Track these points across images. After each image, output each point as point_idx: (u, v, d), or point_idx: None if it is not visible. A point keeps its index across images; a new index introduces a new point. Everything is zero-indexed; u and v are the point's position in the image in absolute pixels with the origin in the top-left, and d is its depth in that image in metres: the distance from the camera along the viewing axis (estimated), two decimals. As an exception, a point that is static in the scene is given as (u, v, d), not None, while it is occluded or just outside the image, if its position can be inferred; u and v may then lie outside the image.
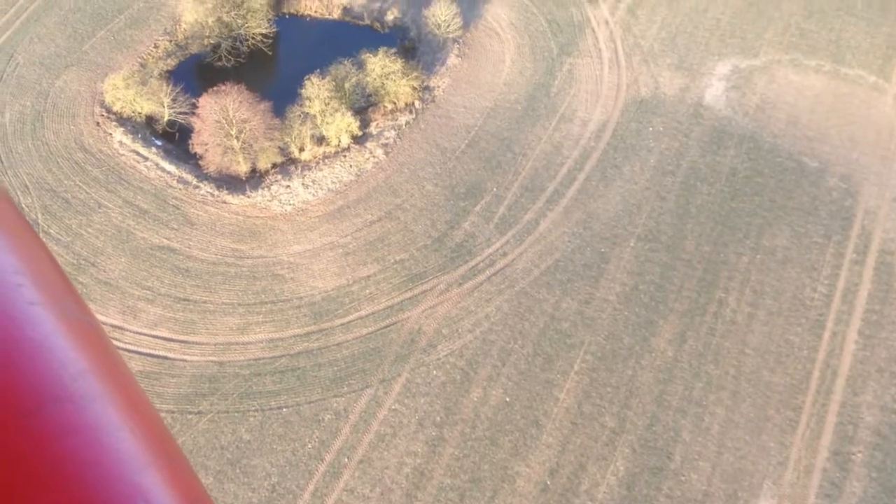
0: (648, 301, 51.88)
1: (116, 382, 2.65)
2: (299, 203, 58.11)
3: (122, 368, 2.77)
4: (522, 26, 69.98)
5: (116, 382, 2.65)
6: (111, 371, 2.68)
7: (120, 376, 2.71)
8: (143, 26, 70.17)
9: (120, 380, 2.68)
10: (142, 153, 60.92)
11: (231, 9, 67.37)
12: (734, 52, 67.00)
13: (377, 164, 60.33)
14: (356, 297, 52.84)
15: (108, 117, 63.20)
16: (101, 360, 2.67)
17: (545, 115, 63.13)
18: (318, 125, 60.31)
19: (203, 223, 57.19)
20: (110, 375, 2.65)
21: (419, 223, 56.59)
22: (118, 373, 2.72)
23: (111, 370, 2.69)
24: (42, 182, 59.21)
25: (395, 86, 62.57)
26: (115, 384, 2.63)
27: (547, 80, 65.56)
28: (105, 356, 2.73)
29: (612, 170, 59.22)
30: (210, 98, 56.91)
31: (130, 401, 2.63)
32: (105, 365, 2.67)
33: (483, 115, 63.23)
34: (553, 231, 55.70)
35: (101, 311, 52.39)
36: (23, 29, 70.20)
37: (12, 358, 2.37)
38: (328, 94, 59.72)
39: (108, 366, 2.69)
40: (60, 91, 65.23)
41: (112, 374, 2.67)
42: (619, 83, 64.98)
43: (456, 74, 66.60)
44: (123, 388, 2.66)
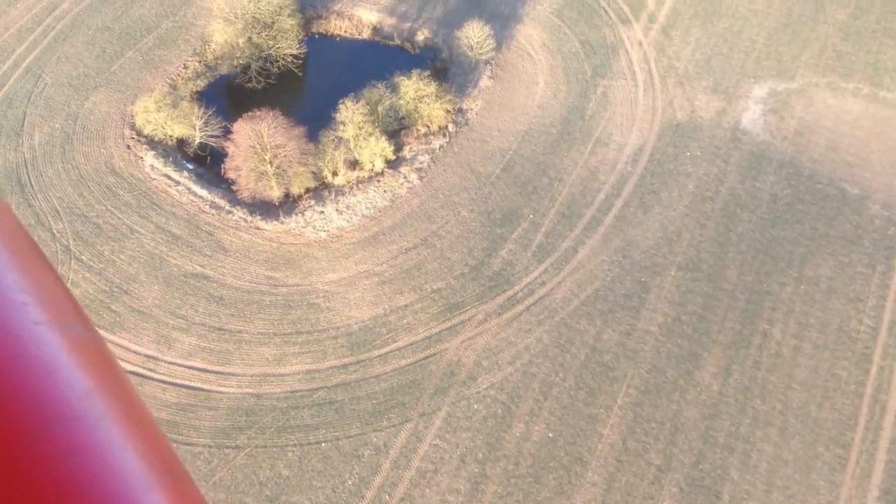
0: (691, 333, 50.98)
1: (122, 401, 2.66)
2: (334, 229, 57.39)
3: (127, 387, 2.79)
4: (555, 47, 69.20)
5: (122, 401, 2.66)
6: (116, 390, 2.69)
7: (125, 395, 2.71)
8: (172, 46, 69.61)
9: (125, 398, 2.69)
10: (173, 177, 60.31)
11: (261, 30, 66.78)
12: (770, 74, 66.06)
13: (411, 190, 59.58)
14: (394, 328, 52.08)
15: (139, 140, 62.63)
16: (106, 378, 2.68)
17: (580, 138, 62.30)
18: (351, 149, 59.60)
19: (237, 250, 56.51)
20: (115, 394, 2.65)
21: (456, 251, 55.82)
22: (123, 391, 2.74)
23: (116, 389, 2.69)
24: (73, 207, 58.62)
25: (428, 109, 61.85)
26: (120, 403, 2.64)
27: (581, 103, 64.74)
28: (110, 375, 2.74)
29: (650, 196, 58.35)
30: (245, 124, 56.27)
31: (135, 420, 2.64)
32: (110, 384, 2.68)
33: (517, 139, 62.44)
34: (592, 259, 54.85)
35: (134, 341, 51.79)
36: (50, 48, 69.72)
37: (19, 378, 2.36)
38: (362, 118, 59.00)
39: (114, 384, 2.70)
40: (90, 113, 64.68)
41: (117, 393, 2.68)
42: (655, 106, 64.12)
43: (489, 97, 65.84)
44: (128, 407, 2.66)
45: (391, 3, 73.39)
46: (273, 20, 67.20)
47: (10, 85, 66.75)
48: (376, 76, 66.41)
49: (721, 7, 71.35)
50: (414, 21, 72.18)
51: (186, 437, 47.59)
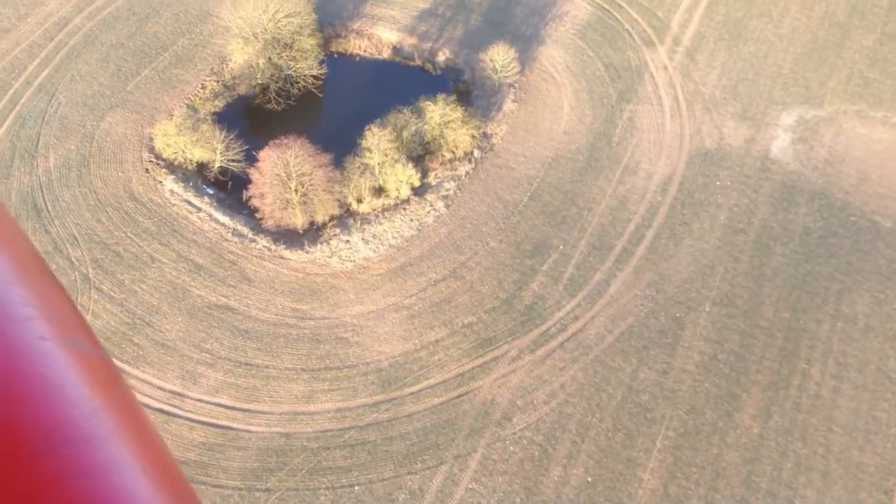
0: (729, 372, 50.14)
1: (129, 420, 2.61)
2: (360, 260, 56.16)
3: (133, 405, 2.73)
4: (579, 70, 68.17)
5: (129, 420, 2.61)
6: (123, 408, 2.63)
7: (132, 414, 2.65)
8: (189, 65, 68.05)
9: (132, 417, 2.63)
10: (194, 203, 58.87)
11: (281, 50, 65.34)
12: (798, 101, 65.32)
13: (438, 218, 58.41)
14: (425, 364, 50.96)
15: (158, 163, 61.12)
16: (113, 397, 2.63)
17: (608, 166, 61.34)
18: (377, 176, 58.37)
19: (261, 280, 55.18)
20: (122, 413, 2.60)
21: (486, 283, 54.73)
22: (130, 410, 2.68)
23: (123, 408, 2.64)
24: (91, 233, 57.08)
25: (454, 134, 60.70)
26: (127, 422, 2.59)
27: (608, 129, 63.76)
28: (117, 393, 2.69)
29: (681, 227, 57.47)
30: (271, 151, 54.91)
31: (143, 440, 2.58)
32: (117, 402, 2.62)
33: (544, 166, 61.39)
34: (624, 293, 53.91)
35: (159, 376, 50.42)
36: (63, 66, 68.00)
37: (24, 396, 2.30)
38: (388, 144, 57.78)
39: (121, 403, 2.64)
40: (106, 134, 63.08)
41: (124, 412, 2.62)
42: (683, 133, 63.24)
43: (513, 121, 64.74)
44: (136, 427, 2.60)
45: (411, 23, 72.12)
46: (293, 40, 65.77)
47: (22, 104, 65.02)
48: (397, 97, 65.24)
49: (746, 31, 70.55)
50: (434, 41, 70.94)
51: (215, 479, 46.33)
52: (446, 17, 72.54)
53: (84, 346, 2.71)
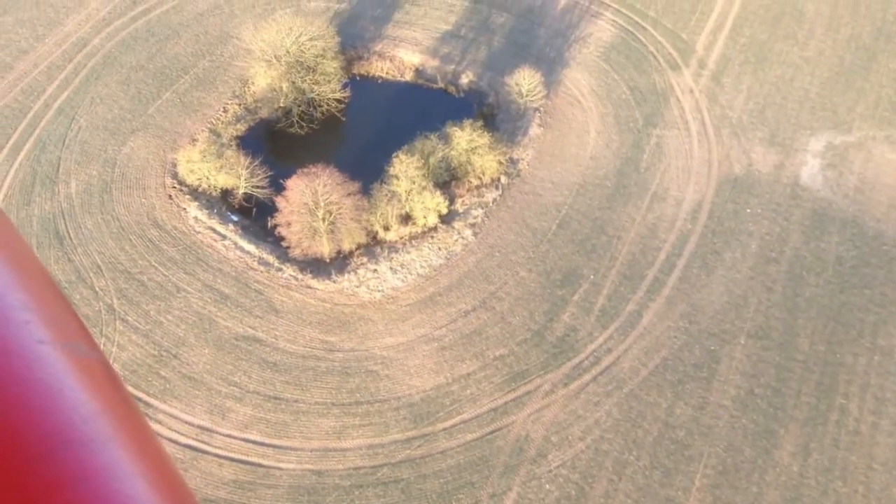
0: (766, 407, 49.43)
1: (128, 425, 2.57)
2: (388, 290, 55.40)
3: (132, 409, 2.68)
4: (604, 94, 67.50)
5: (128, 425, 2.57)
6: (122, 413, 2.62)
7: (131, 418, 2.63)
8: (211, 88, 67.31)
9: (131, 422, 2.61)
10: (219, 231, 58.11)
11: (304, 73, 64.63)
12: (826, 126, 64.70)
13: (466, 247, 57.69)
14: (457, 398, 50.19)
15: (181, 190, 60.36)
16: (111, 401, 2.61)
17: (636, 193, 60.65)
18: (404, 204, 57.64)
19: (288, 311, 54.41)
20: (121, 417, 2.59)
21: (516, 314, 53.99)
22: (129, 414, 2.65)
23: (122, 412, 2.62)
24: (115, 262, 56.30)
25: (481, 160, 60.00)
26: (126, 426, 2.57)
27: (635, 154, 63.09)
28: (116, 397, 2.66)
29: (713, 256, 56.78)
30: (299, 180, 54.18)
31: (142, 444, 2.56)
32: (116, 406, 2.61)
33: (572, 193, 60.70)
34: (657, 325, 53.20)
35: (187, 410, 49.62)
36: (83, 88, 67.23)
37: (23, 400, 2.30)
38: (416, 171, 57.08)
39: (119, 407, 2.63)
40: (128, 159, 62.32)
41: (123, 416, 2.61)
42: (711, 159, 62.59)
43: (540, 146, 64.05)
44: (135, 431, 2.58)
45: (433, 45, 71.46)
46: (316, 63, 65.06)
47: (42, 127, 64.26)
48: (421, 121, 64.69)
49: (771, 54, 69.94)
50: (457, 63, 70.26)
51: (247, 519, 45.54)
52: (469, 38, 71.88)
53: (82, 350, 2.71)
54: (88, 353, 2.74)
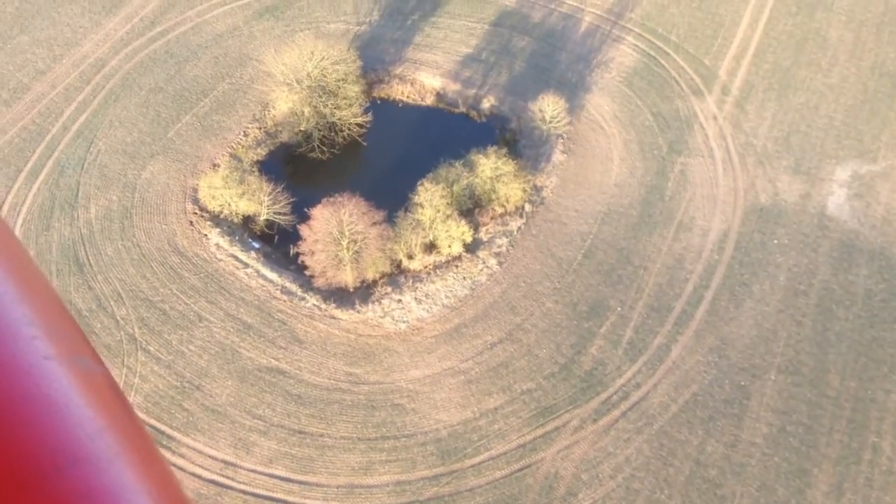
0: (798, 445, 48.74)
1: (133, 442, 2.58)
2: (413, 320, 54.71)
3: (137, 426, 2.70)
4: (627, 120, 66.97)
5: (133, 442, 2.58)
6: (127, 429, 2.62)
7: (136, 435, 2.65)
8: (231, 111, 66.71)
9: (136, 439, 2.63)
10: (241, 258, 57.44)
11: (326, 97, 64.06)
12: (852, 155, 64.19)
13: (491, 277, 57.04)
14: (485, 434, 49.48)
15: (202, 215, 59.71)
16: (117, 417, 2.61)
17: (662, 222, 60.06)
18: (428, 232, 57.03)
19: (312, 341, 53.71)
20: (127, 434, 2.59)
21: (543, 347, 53.32)
22: (134, 431, 2.65)
23: (128, 429, 2.63)
24: (136, 290, 55.59)
25: (506, 188, 59.42)
26: (132, 444, 2.57)
27: (660, 182, 62.52)
28: (121, 413, 2.67)
29: (741, 288, 56.16)
30: (324, 209, 53.54)
31: (147, 461, 2.57)
32: (121, 423, 2.61)
33: (597, 221, 60.10)
34: (686, 359, 52.54)
35: (210, 444, 48.87)
36: (101, 110, 66.61)
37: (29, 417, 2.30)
38: (441, 200, 56.49)
39: (125, 424, 2.63)
40: (148, 184, 61.66)
41: (129, 433, 2.61)
42: (736, 187, 62.03)
43: (563, 173, 63.47)
44: (140, 448, 2.59)
45: (454, 68, 70.93)
46: (337, 87, 64.50)
47: (60, 150, 63.62)
48: (443, 146, 64.27)
49: (795, 80, 69.47)
50: (479, 88, 69.73)
51: (273, 558, 44.77)
52: (490, 62, 71.37)
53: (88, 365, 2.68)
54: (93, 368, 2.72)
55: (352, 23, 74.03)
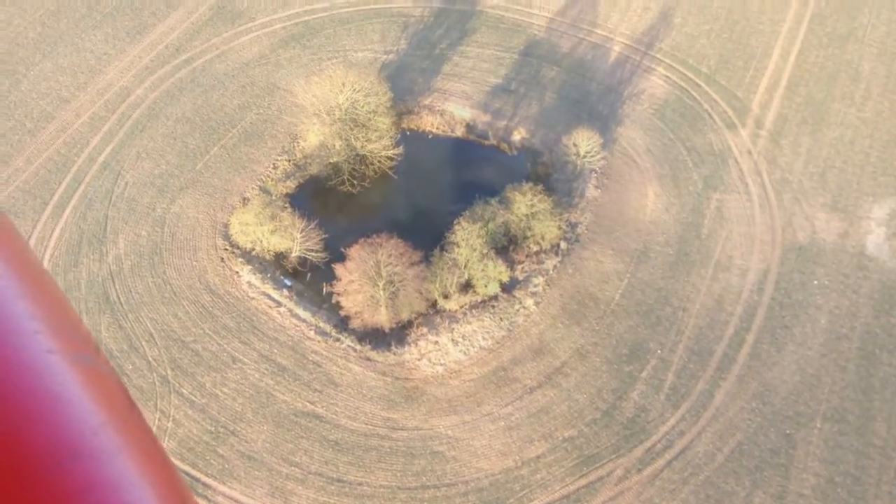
0: (847, 497, 47.84)
1: (135, 436, 2.59)
2: (451, 363, 53.74)
3: (139, 420, 2.71)
4: (661, 154, 66.15)
5: (135, 436, 2.59)
6: (130, 424, 2.62)
7: (138, 429, 2.65)
8: (259, 143, 65.75)
9: (138, 433, 2.63)
10: (273, 297, 56.44)
11: (357, 130, 63.14)
12: (889, 192, 63.42)
13: (529, 318, 56.10)
14: (527, 483, 48.49)
15: (233, 252, 58.71)
16: (119, 411, 2.61)
17: (699, 261, 59.20)
18: (464, 271, 56.09)
19: (348, 384, 52.71)
20: (129, 429, 2.59)
21: (583, 391, 52.37)
22: (136, 425, 2.66)
23: (130, 423, 2.63)
24: (168, 330, 54.55)
25: (542, 226, 58.53)
26: (134, 438, 2.56)
27: (696, 220, 61.67)
28: (123, 407, 2.66)
29: (782, 331, 55.29)
30: (361, 250, 52.60)
31: (149, 455, 2.58)
32: (124, 418, 2.61)
33: (633, 260, 59.21)
34: (730, 406, 51.62)
35: (247, 493, 47.81)
36: (128, 141, 65.62)
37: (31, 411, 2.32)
38: (478, 239, 55.59)
39: (126, 418, 2.63)
40: (177, 218, 60.65)
41: (131, 428, 2.60)
42: (774, 225, 61.20)
43: (597, 209, 62.59)
44: (142, 442, 2.60)
45: (484, 98, 70.08)
46: (368, 119, 63.60)
47: (87, 182, 62.61)
48: (474, 179, 63.55)
49: (829, 114, 68.73)
50: (509, 119, 68.87)
51: None
52: (520, 93, 70.54)
53: (91, 361, 2.67)
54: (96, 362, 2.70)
55: (379, 51, 73.18)
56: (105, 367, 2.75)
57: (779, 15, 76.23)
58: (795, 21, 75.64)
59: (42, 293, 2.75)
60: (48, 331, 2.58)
